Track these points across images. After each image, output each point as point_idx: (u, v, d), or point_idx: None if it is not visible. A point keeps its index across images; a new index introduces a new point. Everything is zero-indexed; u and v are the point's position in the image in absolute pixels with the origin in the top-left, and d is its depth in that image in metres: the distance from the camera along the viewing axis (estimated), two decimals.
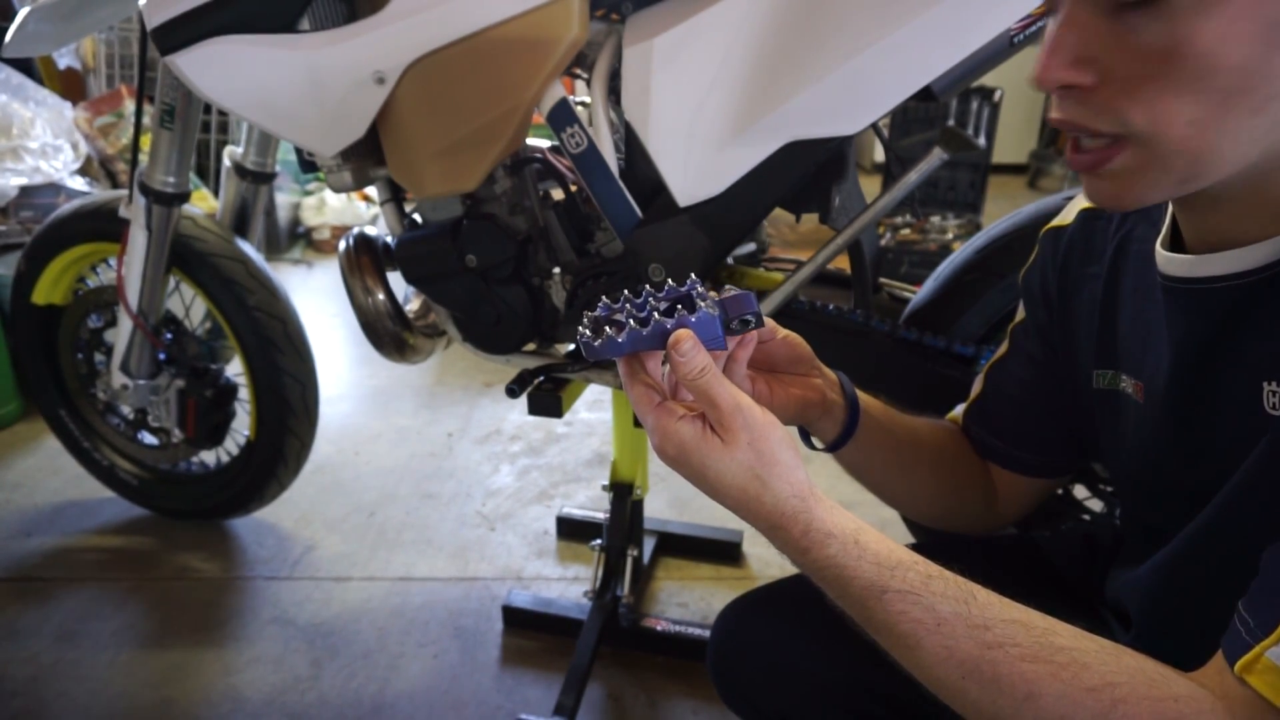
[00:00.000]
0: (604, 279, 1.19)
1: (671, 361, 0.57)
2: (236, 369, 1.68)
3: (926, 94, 1.00)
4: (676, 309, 0.60)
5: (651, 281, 1.13)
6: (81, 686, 1.43)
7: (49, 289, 1.76)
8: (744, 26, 1.01)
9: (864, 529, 0.57)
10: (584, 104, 1.13)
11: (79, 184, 2.62)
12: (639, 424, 0.62)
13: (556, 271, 1.23)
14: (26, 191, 2.46)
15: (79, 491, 1.95)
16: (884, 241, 3.22)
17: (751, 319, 0.60)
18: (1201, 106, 0.48)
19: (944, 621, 0.53)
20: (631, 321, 0.59)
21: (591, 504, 1.93)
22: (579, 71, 1.16)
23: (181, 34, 1.12)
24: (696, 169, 1.07)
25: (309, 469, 1.80)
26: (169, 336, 1.70)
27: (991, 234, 1.18)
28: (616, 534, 1.49)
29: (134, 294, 1.58)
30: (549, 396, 1.27)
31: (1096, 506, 1.24)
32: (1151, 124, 0.50)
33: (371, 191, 1.87)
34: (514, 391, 1.26)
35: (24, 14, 1.42)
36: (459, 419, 2.33)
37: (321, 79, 1.11)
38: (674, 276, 1.12)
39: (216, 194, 2.29)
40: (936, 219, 3.38)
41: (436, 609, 1.62)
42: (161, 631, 1.56)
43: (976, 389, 0.86)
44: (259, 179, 1.65)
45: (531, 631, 1.55)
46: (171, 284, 1.64)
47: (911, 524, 1.31)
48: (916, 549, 0.59)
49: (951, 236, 3.25)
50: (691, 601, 1.64)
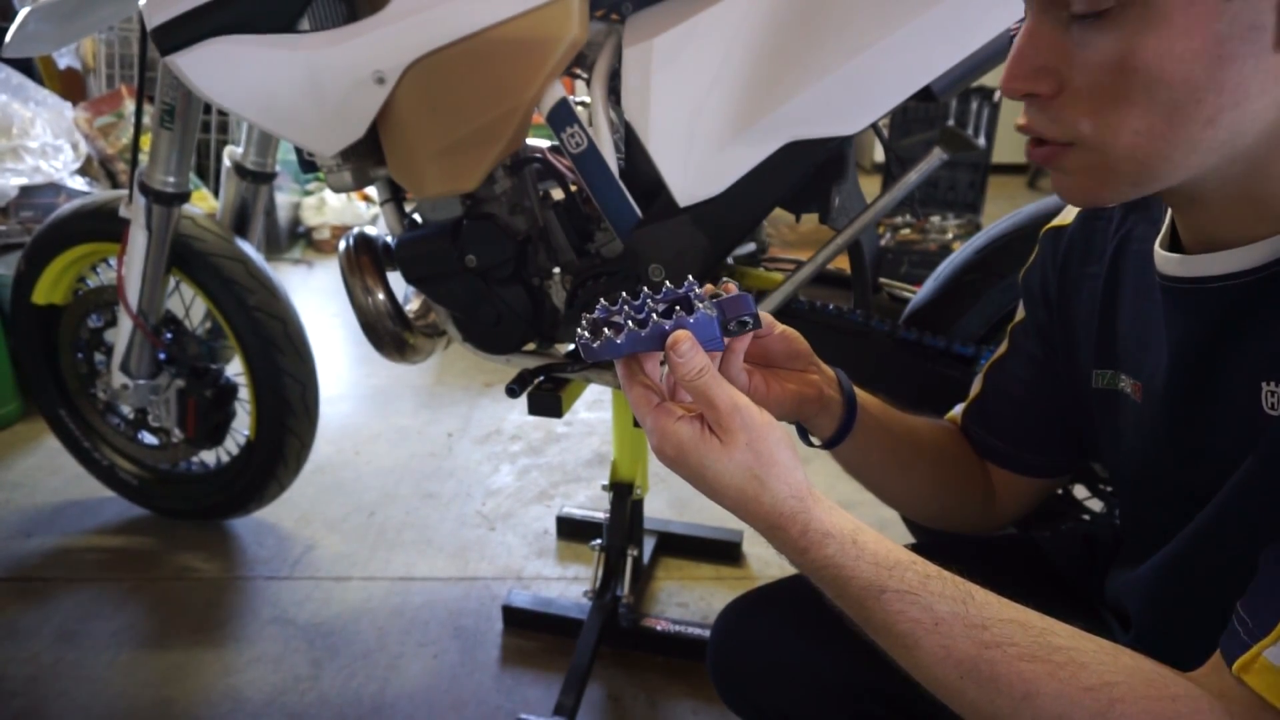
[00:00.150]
0: (604, 279, 1.19)
1: (670, 362, 0.57)
2: (236, 369, 1.68)
3: (926, 94, 1.01)
4: (675, 310, 0.60)
5: (650, 282, 1.13)
6: (81, 686, 1.43)
7: (49, 289, 1.76)
8: (744, 27, 1.01)
9: (862, 529, 0.57)
10: (584, 104, 1.13)
11: (79, 184, 2.62)
12: (639, 424, 0.62)
13: (556, 271, 1.23)
14: (26, 191, 2.46)
15: (79, 491, 1.95)
16: (884, 241, 3.22)
17: (749, 320, 0.60)
18: (1149, 118, 0.50)
19: (942, 621, 0.53)
20: (630, 323, 0.59)
21: (591, 504, 1.93)
22: (579, 71, 1.16)
23: (181, 34, 1.12)
24: (696, 169, 1.07)
25: (309, 469, 1.80)
26: (169, 336, 1.70)
27: (991, 234, 1.18)
28: (616, 534, 1.49)
29: (134, 294, 1.58)
30: (549, 396, 1.27)
31: (1096, 506, 1.24)
32: (1097, 133, 0.52)
33: (371, 191, 1.87)
34: (514, 391, 1.26)
35: (24, 14, 1.42)
36: (459, 419, 2.33)
37: (321, 79, 1.11)
38: (674, 276, 1.12)
39: (216, 194, 2.29)
40: (936, 219, 3.38)
41: (436, 609, 1.62)
42: (161, 631, 1.56)
43: (976, 389, 0.86)
44: (259, 179, 1.65)
45: (531, 631, 1.55)
46: (171, 284, 1.64)
47: (911, 524, 1.31)
48: (916, 549, 0.59)
49: (951, 236, 3.25)
50: (691, 601, 1.64)
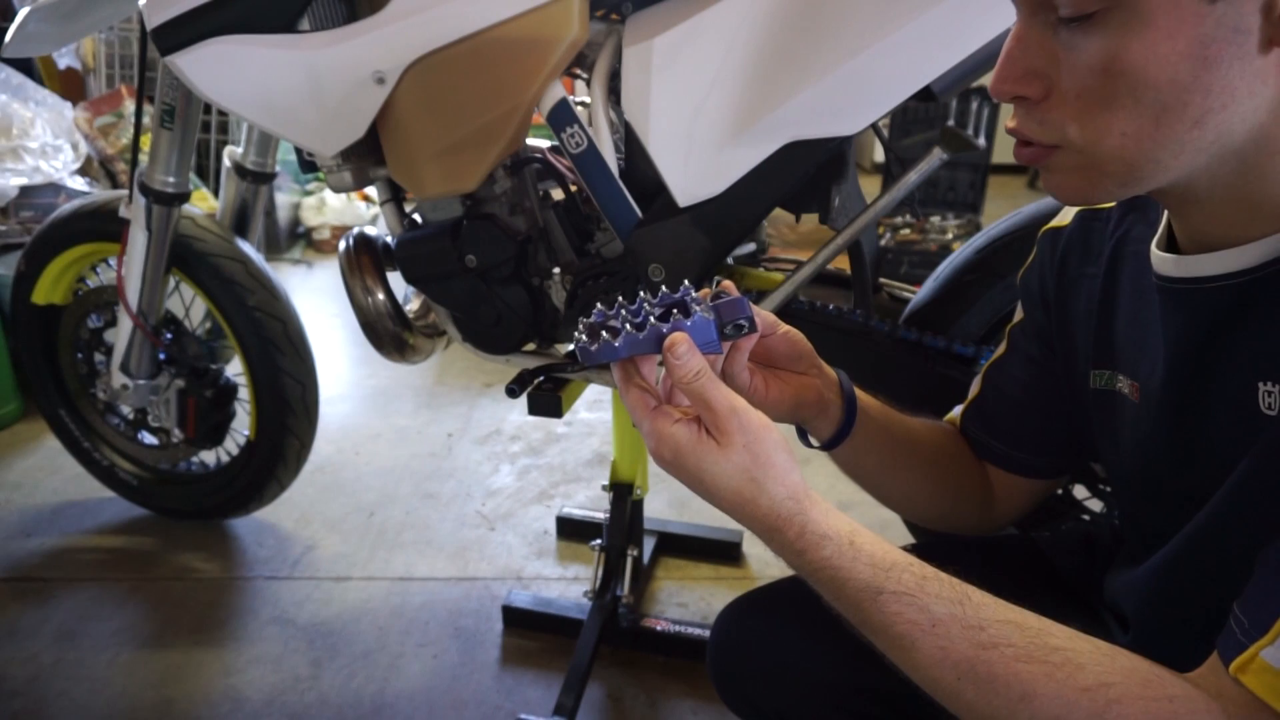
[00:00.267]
0: (604, 279, 1.19)
1: (667, 365, 0.57)
2: (236, 369, 1.68)
3: (926, 94, 1.01)
4: (672, 314, 0.60)
5: (650, 282, 1.13)
6: (81, 686, 1.43)
7: (49, 289, 1.76)
8: (744, 27, 1.01)
9: (859, 531, 0.57)
10: (584, 104, 1.13)
11: (79, 184, 2.61)
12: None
13: (556, 272, 1.23)
14: (26, 191, 2.46)
15: (79, 491, 1.95)
16: (884, 241, 3.22)
17: (745, 324, 0.61)
18: (1136, 120, 0.50)
19: (939, 622, 0.53)
20: (627, 327, 0.59)
21: (591, 504, 1.93)
22: (579, 71, 1.16)
23: (181, 34, 1.12)
24: (696, 169, 1.07)
25: (309, 469, 1.80)
26: (169, 336, 1.70)
27: (991, 234, 1.18)
28: (616, 534, 1.49)
29: (134, 294, 1.58)
30: (549, 396, 1.27)
31: (1096, 506, 1.24)
32: (1084, 135, 0.52)
33: (371, 191, 1.87)
34: (514, 391, 1.26)
35: (24, 14, 1.42)
36: (459, 419, 2.33)
37: (321, 79, 1.11)
38: (674, 276, 1.12)
39: (216, 194, 2.29)
40: (936, 219, 3.37)
41: (436, 609, 1.62)
42: (161, 631, 1.56)
43: (975, 390, 0.86)
44: (259, 179, 1.65)
45: (531, 631, 1.55)
46: (171, 284, 1.64)
47: (911, 524, 1.31)
48: (916, 549, 0.59)
49: (951, 236, 3.25)
50: (691, 601, 1.64)
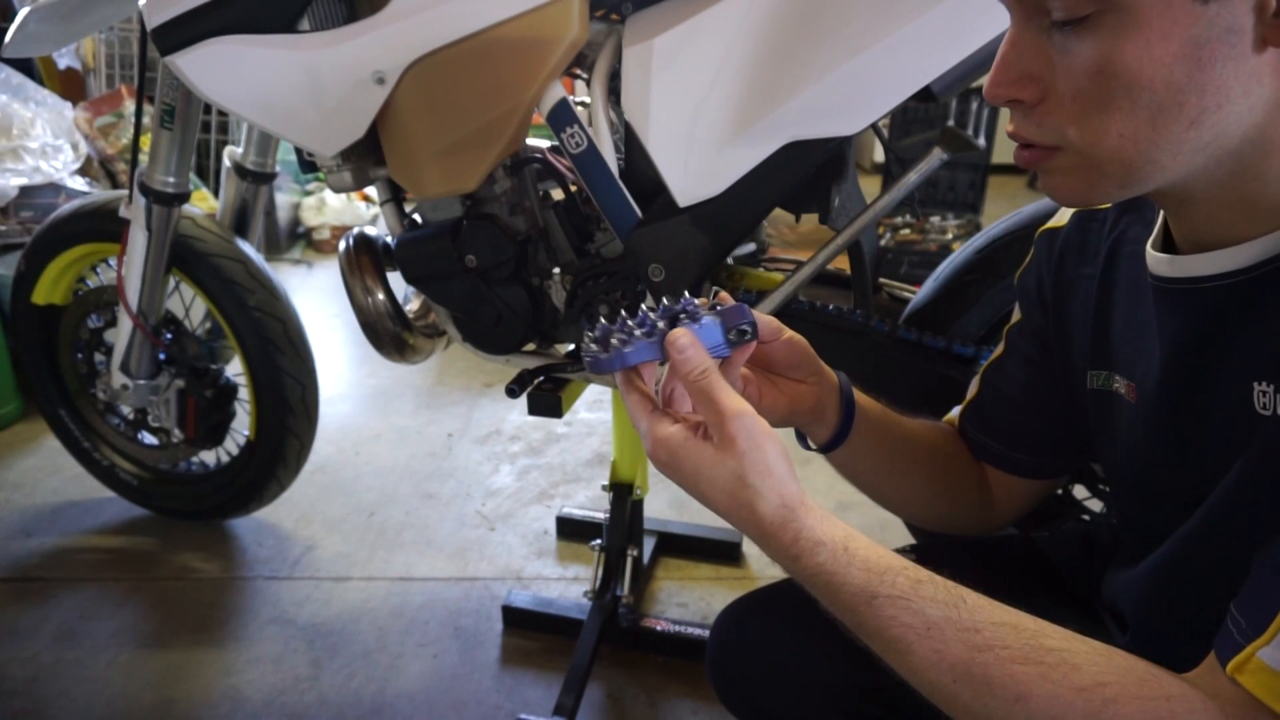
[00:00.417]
0: (604, 279, 1.19)
1: (671, 361, 0.57)
2: (236, 369, 1.68)
3: (926, 94, 1.01)
4: (678, 321, 0.61)
5: (649, 283, 1.13)
6: (81, 686, 1.43)
7: (49, 289, 1.76)
8: (744, 27, 1.01)
9: (853, 536, 0.57)
10: (584, 104, 1.13)
11: (79, 184, 2.61)
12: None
13: (556, 272, 1.23)
14: (26, 191, 2.46)
15: (79, 491, 1.95)
16: (884, 241, 3.22)
17: (748, 329, 0.61)
18: (1132, 121, 0.50)
19: (934, 625, 0.53)
20: (637, 334, 0.59)
21: (591, 504, 1.93)
22: (579, 71, 1.16)
23: (181, 34, 1.12)
24: (696, 169, 1.07)
25: (309, 469, 1.80)
26: (169, 336, 1.70)
27: (991, 234, 1.18)
28: (616, 534, 1.50)
29: (134, 294, 1.58)
30: (549, 396, 1.27)
31: (1096, 506, 1.24)
32: (1082, 137, 0.52)
33: (371, 191, 1.87)
34: (514, 391, 1.26)
35: (24, 14, 1.42)
36: (459, 419, 2.33)
37: (321, 79, 1.11)
38: (673, 276, 1.12)
39: (216, 194, 2.29)
40: (936, 219, 3.37)
41: (436, 609, 1.62)
42: (161, 631, 1.56)
43: (973, 391, 0.86)
44: (259, 179, 1.65)
45: (531, 631, 1.55)
46: (171, 284, 1.64)
47: (911, 525, 1.31)
48: (914, 551, 0.59)
49: (951, 237, 3.25)
50: (691, 601, 1.64)
